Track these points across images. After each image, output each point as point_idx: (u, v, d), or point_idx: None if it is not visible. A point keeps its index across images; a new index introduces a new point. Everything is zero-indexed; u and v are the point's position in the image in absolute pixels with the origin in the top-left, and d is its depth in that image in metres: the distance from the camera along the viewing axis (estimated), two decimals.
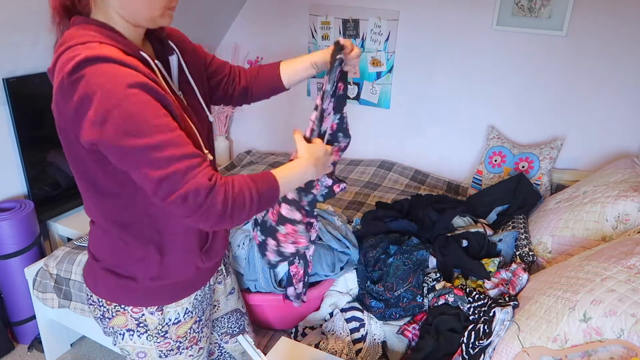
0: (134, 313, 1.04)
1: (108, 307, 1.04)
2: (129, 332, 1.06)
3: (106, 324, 1.07)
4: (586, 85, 2.34)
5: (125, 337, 1.07)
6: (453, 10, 2.49)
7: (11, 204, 2.03)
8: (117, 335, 1.08)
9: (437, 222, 1.90)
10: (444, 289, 1.56)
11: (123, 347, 1.10)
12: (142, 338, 1.07)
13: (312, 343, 1.49)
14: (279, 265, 1.30)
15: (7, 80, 1.91)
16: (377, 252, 1.71)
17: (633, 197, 1.65)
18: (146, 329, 1.06)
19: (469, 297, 1.51)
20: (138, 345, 1.07)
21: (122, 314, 1.04)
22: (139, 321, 1.05)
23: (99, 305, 1.06)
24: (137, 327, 1.05)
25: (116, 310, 1.04)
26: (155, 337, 1.07)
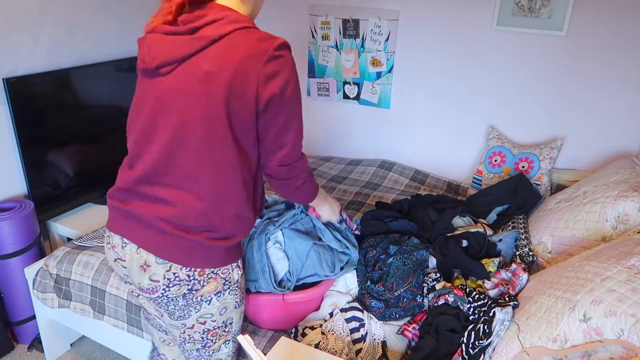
0: (223, 274, 1.17)
1: (200, 277, 1.13)
2: (216, 295, 1.18)
3: (193, 295, 1.15)
4: (586, 85, 2.34)
5: (212, 301, 1.17)
6: (453, 10, 2.50)
7: (11, 204, 2.04)
8: (201, 304, 1.16)
9: (437, 222, 1.90)
10: (444, 289, 1.56)
11: (204, 314, 1.18)
12: (224, 295, 1.19)
13: (312, 343, 1.49)
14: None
15: (7, 80, 1.92)
16: (377, 252, 1.71)
17: (633, 197, 1.65)
18: (229, 285, 1.20)
19: (469, 297, 1.51)
20: (222, 303, 1.20)
21: (213, 279, 1.15)
22: (226, 279, 1.18)
23: (188, 279, 1.12)
24: (224, 286, 1.18)
25: (208, 277, 1.14)
26: (234, 290, 1.22)
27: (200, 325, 1.20)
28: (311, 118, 3.06)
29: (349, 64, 2.84)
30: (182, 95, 1.04)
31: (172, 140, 1.06)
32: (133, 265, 1.14)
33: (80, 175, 2.32)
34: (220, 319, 1.22)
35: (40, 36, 1.98)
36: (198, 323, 1.19)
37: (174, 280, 1.12)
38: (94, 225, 2.21)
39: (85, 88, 2.24)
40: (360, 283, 1.68)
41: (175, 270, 1.11)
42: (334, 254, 1.65)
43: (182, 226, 1.10)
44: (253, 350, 1.09)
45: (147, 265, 1.12)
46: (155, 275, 1.12)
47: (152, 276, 1.13)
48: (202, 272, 1.13)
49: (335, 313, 1.59)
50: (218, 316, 1.21)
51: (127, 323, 1.71)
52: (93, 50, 2.29)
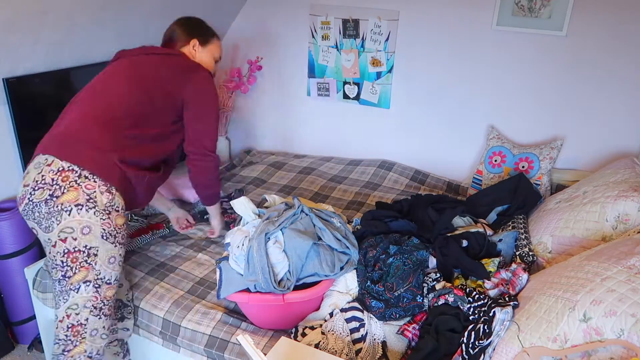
0: (86, 188, 1.31)
1: (62, 183, 1.29)
2: (77, 207, 1.29)
3: (54, 202, 1.28)
4: (586, 85, 2.34)
5: (72, 212, 1.29)
6: (453, 10, 2.49)
7: (11, 204, 2.04)
8: (61, 213, 1.28)
9: (437, 222, 1.90)
10: (444, 289, 1.56)
11: (64, 227, 1.29)
12: (88, 212, 1.30)
13: (312, 343, 1.49)
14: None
15: (7, 80, 1.92)
16: (377, 252, 1.71)
17: (633, 197, 1.65)
18: (94, 205, 1.32)
19: (469, 297, 1.51)
20: (83, 219, 1.29)
21: (74, 189, 1.26)
22: (89, 196, 1.32)
23: (52, 183, 1.30)
24: (87, 202, 1.31)
25: (70, 184, 1.29)
26: (100, 213, 1.32)
27: (61, 243, 1.28)
28: (311, 118, 3.06)
29: (349, 64, 2.83)
30: (131, 70, 1.65)
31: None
32: (22, 182, 1.38)
33: None
34: (82, 239, 1.28)
35: (40, 36, 1.98)
36: (59, 240, 1.28)
37: (40, 182, 1.29)
38: None
39: None
40: (360, 283, 1.68)
41: (43, 173, 1.31)
42: (333, 253, 1.65)
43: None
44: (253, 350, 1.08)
45: (27, 172, 1.36)
46: (27, 181, 1.33)
47: (25, 183, 1.34)
48: (65, 177, 1.29)
49: (335, 313, 1.59)
50: (79, 234, 1.28)
51: None
52: (93, 50, 2.29)
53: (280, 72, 3.09)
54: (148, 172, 1.54)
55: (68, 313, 1.36)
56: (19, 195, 1.36)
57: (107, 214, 1.35)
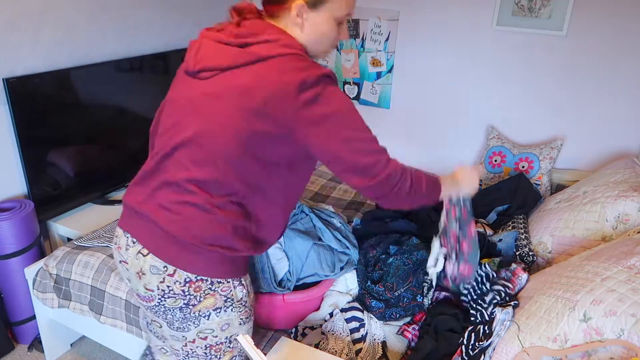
0: (222, 291, 1.13)
1: (195, 293, 1.10)
2: (215, 311, 1.14)
3: (190, 310, 1.12)
4: (586, 85, 2.34)
5: (211, 316, 1.14)
6: (453, 10, 2.49)
7: (11, 204, 2.03)
8: (200, 319, 1.14)
9: (437, 222, 1.90)
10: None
11: (203, 329, 1.16)
12: (227, 311, 1.16)
13: (312, 343, 1.49)
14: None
15: (7, 80, 1.91)
16: (378, 252, 1.71)
17: (633, 197, 1.65)
18: (232, 303, 1.16)
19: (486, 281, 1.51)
20: (222, 319, 1.16)
21: (211, 295, 1.12)
22: (227, 297, 1.14)
23: (183, 294, 1.10)
24: (225, 303, 1.15)
25: (205, 293, 1.11)
26: (238, 307, 1.18)
27: (201, 340, 1.17)
28: None
29: (349, 64, 2.83)
30: (213, 99, 1.04)
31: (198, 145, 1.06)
32: (132, 270, 1.13)
33: (80, 175, 2.32)
34: (223, 334, 1.18)
35: (40, 36, 1.98)
36: (199, 338, 1.17)
37: (168, 292, 1.10)
38: (94, 225, 2.21)
39: (85, 88, 2.24)
40: (361, 283, 1.68)
41: (169, 284, 1.09)
42: (333, 254, 1.65)
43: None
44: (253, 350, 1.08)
45: (142, 273, 1.10)
46: (150, 284, 1.10)
47: (147, 285, 1.11)
48: (197, 288, 1.09)
49: (335, 313, 1.59)
50: (219, 332, 1.17)
51: (127, 322, 1.71)
52: (93, 50, 2.29)
53: None
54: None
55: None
56: (140, 293, 1.15)
57: (242, 304, 1.19)
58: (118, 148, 2.51)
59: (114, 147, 2.49)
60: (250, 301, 1.23)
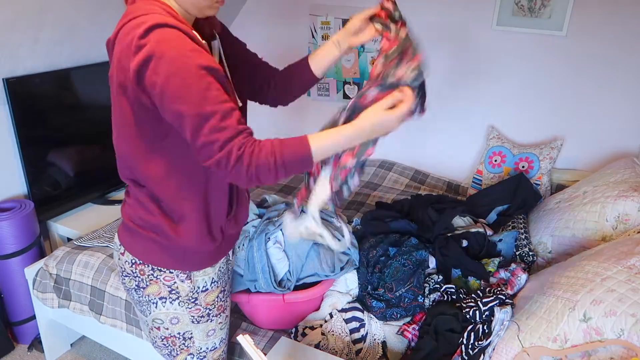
0: (166, 280, 1.13)
1: (142, 276, 1.13)
2: (161, 300, 1.15)
3: (142, 293, 1.15)
4: (586, 85, 2.34)
5: (158, 305, 1.15)
6: (453, 10, 2.49)
7: (11, 204, 2.03)
8: (149, 305, 1.16)
9: (437, 222, 1.90)
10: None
11: (155, 318, 1.18)
12: (173, 304, 1.15)
13: (312, 343, 1.49)
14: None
15: (7, 80, 1.92)
16: (378, 252, 1.71)
17: (633, 197, 1.65)
18: (177, 296, 1.15)
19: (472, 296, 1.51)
20: (170, 312, 1.16)
21: (154, 282, 1.13)
22: (171, 288, 1.14)
23: (133, 275, 1.15)
24: (170, 294, 1.15)
25: (149, 278, 1.13)
26: (186, 303, 1.16)
27: (156, 330, 1.20)
28: (311, 118, 3.06)
29: (349, 64, 2.83)
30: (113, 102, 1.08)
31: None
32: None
33: (80, 175, 2.32)
34: (174, 328, 1.18)
35: (40, 36, 1.98)
36: (154, 328, 1.20)
37: (123, 271, 1.17)
38: (94, 225, 2.21)
39: (85, 88, 2.24)
40: (361, 285, 1.68)
41: (122, 263, 1.16)
42: (334, 254, 1.65)
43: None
44: (253, 350, 1.08)
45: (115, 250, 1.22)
46: (115, 260, 1.21)
47: (115, 261, 1.22)
48: (142, 271, 1.13)
49: (334, 314, 1.59)
50: (169, 324, 1.17)
51: (127, 323, 1.71)
52: (93, 50, 2.29)
53: None
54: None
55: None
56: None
57: (192, 300, 1.17)
58: None
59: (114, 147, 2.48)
60: (209, 301, 1.19)
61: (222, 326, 1.27)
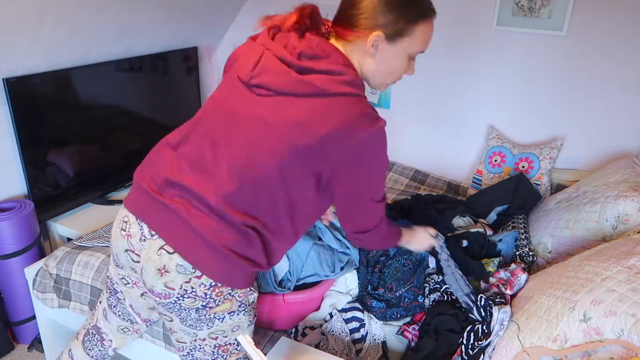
0: (239, 297, 1.14)
1: (217, 297, 1.09)
2: (229, 314, 1.14)
3: (206, 312, 1.11)
4: (586, 85, 2.34)
5: (225, 319, 1.14)
6: (453, 10, 2.49)
7: (11, 204, 2.04)
8: (214, 321, 1.13)
9: (437, 222, 1.90)
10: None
11: (215, 330, 1.16)
12: (239, 315, 1.17)
13: (312, 343, 1.49)
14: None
15: (7, 80, 1.92)
16: (378, 252, 1.71)
17: (633, 197, 1.65)
18: (245, 307, 1.17)
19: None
20: (234, 322, 1.17)
21: (229, 300, 1.12)
22: (241, 302, 1.15)
23: (204, 297, 1.08)
24: (239, 307, 1.15)
25: (224, 298, 1.10)
26: (249, 311, 1.19)
27: (212, 340, 1.17)
28: None
29: None
30: (264, 126, 1.02)
31: (242, 167, 1.04)
32: (149, 265, 1.07)
33: (80, 175, 2.32)
34: (233, 335, 1.19)
35: (40, 36, 1.98)
36: (210, 338, 1.17)
37: (190, 292, 1.06)
38: (94, 225, 2.21)
39: (85, 88, 2.24)
40: (362, 285, 1.68)
41: (193, 285, 1.05)
42: (334, 253, 1.65)
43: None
44: (253, 350, 1.08)
45: (166, 270, 1.05)
46: (172, 283, 1.05)
47: (169, 283, 1.06)
48: (219, 293, 1.08)
49: (334, 314, 1.59)
50: (230, 333, 1.18)
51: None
52: (93, 50, 2.29)
53: None
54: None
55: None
56: (156, 290, 1.09)
57: (252, 307, 1.21)
58: (118, 148, 2.51)
59: (114, 147, 2.49)
60: (255, 303, 1.24)
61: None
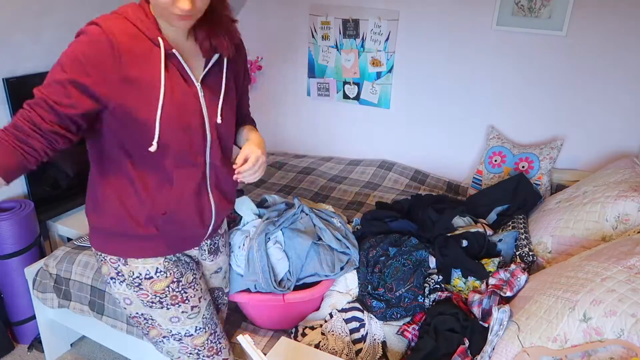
0: (112, 262, 1.22)
1: (97, 256, 1.25)
2: (112, 280, 1.24)
3: (100, 268, 1.27)
4: (586, 85, 2.34)
5: (111, 284, 1.25)
6: (453, 10, 2.49)
7: (11, 204, 2.03)
8: (108, 282, 1.26)
9: (437, 222, 1.90)
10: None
11: (114, 294, 1.29)
12: (121, 285, 1.23)
13: (312, 343, 1.49)
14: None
15: (7, 80, 1.92)
16: (377, 252, 1.71)
17: (633, 197, 1.65)
18: (124, 278, 1.22)
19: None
20: (121, 292, 1.25)
21: (103, 263, 1.23)
22: (117, 270, 1.22)
23: (95, 253, 1.25)
24: (117, 275, 1.23)
25: (99, 258, 1.24)
26: (132, 286, 1.22)
27: (123, 309, 1.30)
28: (311, 118, 3.06)
29: (349, 64, 2.83)
30: None
31: None
32: None
33: (80, 175, 2.32)
34: (131, 309, 1.25)
35: (40, 36, 1.98)
36: (119, 305, 1.32)
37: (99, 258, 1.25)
38: None
39: None
40: (361, 285, 1.68)
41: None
42: (334, 253, 1.65)
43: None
44: (253, 350, 1.08)
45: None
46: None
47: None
48: (98, 254, 1.23)
49: (334, 314, 1.59)
50: (125, 304, 1.26)
51: (127, 324, 1.71)
52: None
53: (280, 72, 3.09)
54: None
55: (171, 357, 1.33)
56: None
57: (137, 285, 1.22)
58: None
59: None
60: (157, 290, 1.22)
61: (190, 316, 1.27)
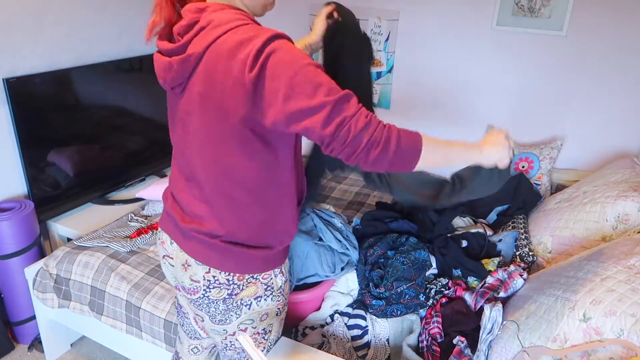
0: (263, 279, 1.14)
1: (239, 282, 1.11)
2: (256, 300, 1.15)
3: (233, 300, 1.12)
4: (586, 85, 2.34)
5: (252, 305, 1.15)
6: (453, 10, 2.49)
7: (11, 204, 2.04)
8: (241, 308, 1.14)
9: (437, 223, 1.90)
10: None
11: (244, 320, 1.16)
12: (267, 300, 1.16)
13: (312, 343, 1.49)
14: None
15: (7, 80, 1.92)
16: (376, 251, 1.70)
17: (633, 197, 1.65)
18: (272, 291, 1.16)
19: None
20: (262, 309, 1.17)
21: (253, 284, 1.12)
22: (267, 285, 1.15)
23: (228, 283, 1.11)
24: (265, 291, 1.15)
25: (247, 282, 1.12)
26: (277, 296, 1.18)
27: (241, 332, 1.19)
28: None
29: None
30: (190, 115, 1.03)
31: (189, 163, 1.08)
32: (177, 263, 1.15)
33: (80, 175, 2.32)
34: (261, 325, 1.20)
35: (40, 36, 1.98)
36: (239, 330, 1.18)
37: (213, 282, 1.11)
38: (94, 225, 2.21)
39: (85, 88, 2.24)
40: (360, 282, 1.68)
41: (214, 273, 1.10)
42: (334, 254, 1.65)
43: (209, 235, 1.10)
44: (253, 350, 1.08)
45: (188, 264, 1.12)
46: (195, 275, 1.11)
47: (193, 276, 1.12)
48: (241, 276, 1.11)
49: (336, 318, 1.59)
50: (258, 322, 1.19)
51: (127, 324, 1.71)
52: (93, 50, 2.29)
53: None
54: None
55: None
56: (186, 285, 1.15)
57: (280, 292, 1.20)
58: (118, 148, 2.51)
59: (114, 147, 2.49)
60: (287, 289, 1.23)
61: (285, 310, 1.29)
